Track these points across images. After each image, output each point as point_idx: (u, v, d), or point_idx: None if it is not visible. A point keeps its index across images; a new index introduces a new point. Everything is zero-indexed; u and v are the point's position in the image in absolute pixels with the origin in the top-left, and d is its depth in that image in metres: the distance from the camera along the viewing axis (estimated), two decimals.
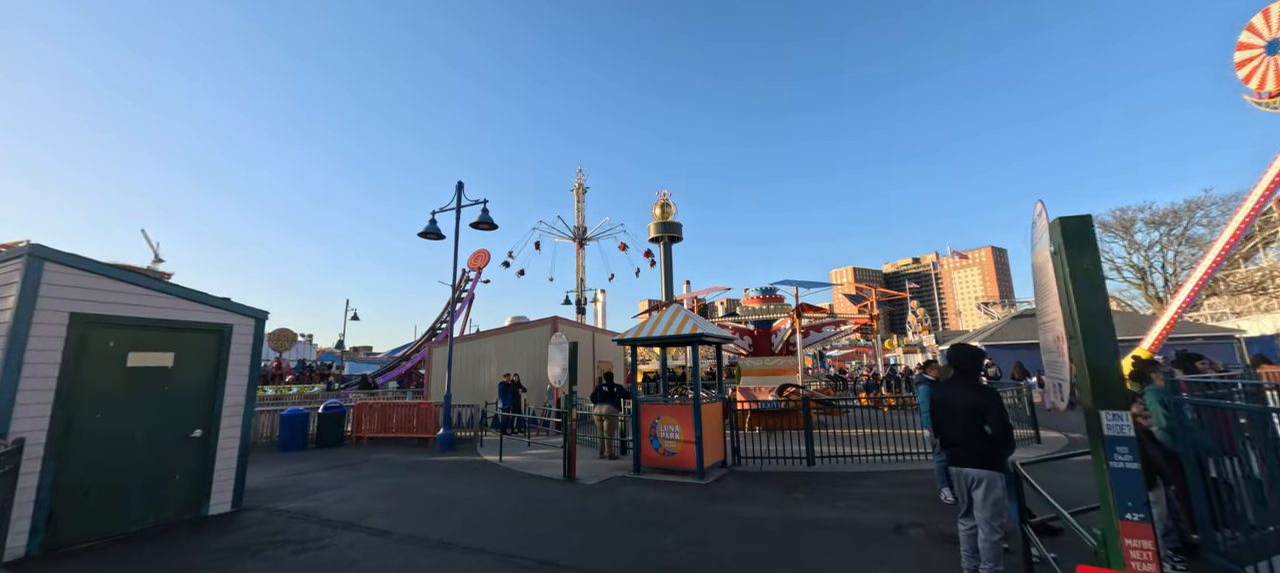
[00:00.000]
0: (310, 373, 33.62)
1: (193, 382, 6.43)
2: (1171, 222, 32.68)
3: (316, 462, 10.69)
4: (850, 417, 12.71)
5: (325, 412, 13.15)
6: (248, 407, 6.94)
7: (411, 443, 13.03)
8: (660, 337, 8.60)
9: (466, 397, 16.03)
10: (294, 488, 8.12)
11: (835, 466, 8.79)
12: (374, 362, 51.37)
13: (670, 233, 54.43)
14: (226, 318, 6.85)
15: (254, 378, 7.07)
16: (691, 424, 8.18)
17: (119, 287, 5.94)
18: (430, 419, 13.25)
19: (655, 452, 8.48)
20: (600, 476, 8.51)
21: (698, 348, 8.67)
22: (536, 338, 16.07)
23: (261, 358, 7.25)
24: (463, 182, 13.84)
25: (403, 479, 8.67)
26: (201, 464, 6.41)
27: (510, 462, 10.02)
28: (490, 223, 13.30)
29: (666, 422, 8.45)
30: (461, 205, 13.71)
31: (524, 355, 16.12)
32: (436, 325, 37.99)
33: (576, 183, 48.55)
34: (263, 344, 7.29)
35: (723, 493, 7.39)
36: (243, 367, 6.93)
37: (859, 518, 6.06)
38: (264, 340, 7.42)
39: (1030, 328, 30.09)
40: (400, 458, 10.87)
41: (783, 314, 15.57)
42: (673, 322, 8.74)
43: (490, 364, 16.46)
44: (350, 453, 11.78)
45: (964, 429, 3.83)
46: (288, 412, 12.74)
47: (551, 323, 16.04)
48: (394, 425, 13.57)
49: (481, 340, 16.85)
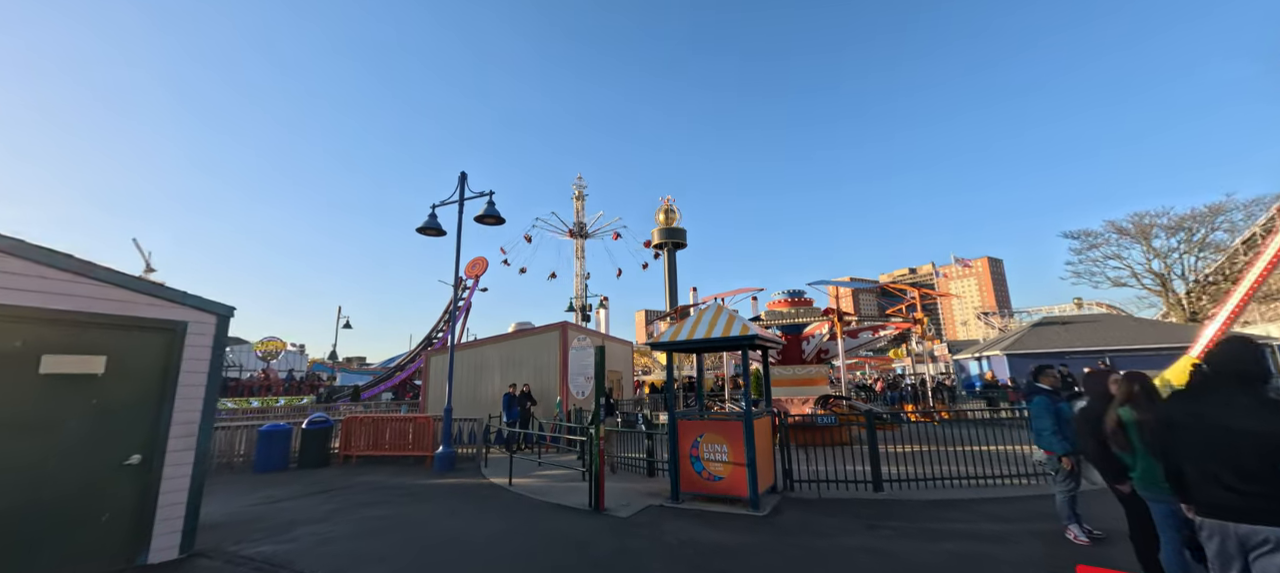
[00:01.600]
0: (300, 384, 32.00)
1: (132, 394, 5.07)
2: (1192, 227, 31.82)
3: (296, 486, 9.27)
4: (900, 432, 11.39)
5: (309, 427, 11.73)
6: (205, 424, 5.57)
7: (406, 463, 11.61)
8: (704, 340, 7.31)
9: (467, 410, 14.63)
10: (264, 523, 6.72)
11: (908, 491, 7.47)
12: (367, 373, 49.69)
13: (675, 239, 53.33)
14: (179, 313, 5.50)
15: (214, 389, 5.71)
16: (742, 444, 6.87)
17: (31, 269, 4.61)
18: (428, 435, 11.84)
19: (698, 476, 7.15)
20: (633, 504, 7.16)
21: (748, 354, 7.39)
22: (544, 345, 14.72)
23: (223, 363, 5.89)
24: (465, 172, 12.59)
25: (397, 511, 7.28)
26: (140, 499, 5.03)
27: (522, 486, 8.64)
28: (496, 216, 12.02)
29: (711, 441, 7.12)
30: (464, 198, 12.44)
31: (530, 364, 14.75)
32: (433, 334, 36.49)
33: (576, 191, 47.56)
34: (225, 346, 5.94)
35: (788, 526, 6.06)
36: (199, 374, 5.57)
37: (987, 563, 4.75)
38: (227, 341, 6.06)
39: (1052, 336, 29.00)
40: (394, 482, 9.47)
41: (812, 318, 14.29)
42: (716, 323, 7.46)
43: (493, 374, 15.08)
44: (336, 475, 10.36)
45: (1252, 467, 2.56)
46: (267, 428, 11.32)
47: (560, 328, 14.72)
48: (387, 442, 12.14)
49: (483, 348, 15.48)
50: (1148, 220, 33.32)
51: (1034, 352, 28.18)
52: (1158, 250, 33.54)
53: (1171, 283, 33.32)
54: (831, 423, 8.50)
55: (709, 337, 7.28)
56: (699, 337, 7.35)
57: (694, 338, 7.38)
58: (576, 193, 46.87)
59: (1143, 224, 33.51)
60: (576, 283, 44.21)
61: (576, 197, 46.69)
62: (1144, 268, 34.09)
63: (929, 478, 7.68)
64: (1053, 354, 27.25)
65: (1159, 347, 24.86)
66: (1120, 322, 30.32)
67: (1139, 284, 34.59)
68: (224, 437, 11.47)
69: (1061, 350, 27.01)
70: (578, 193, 46.86)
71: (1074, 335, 28.36)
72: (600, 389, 7.18)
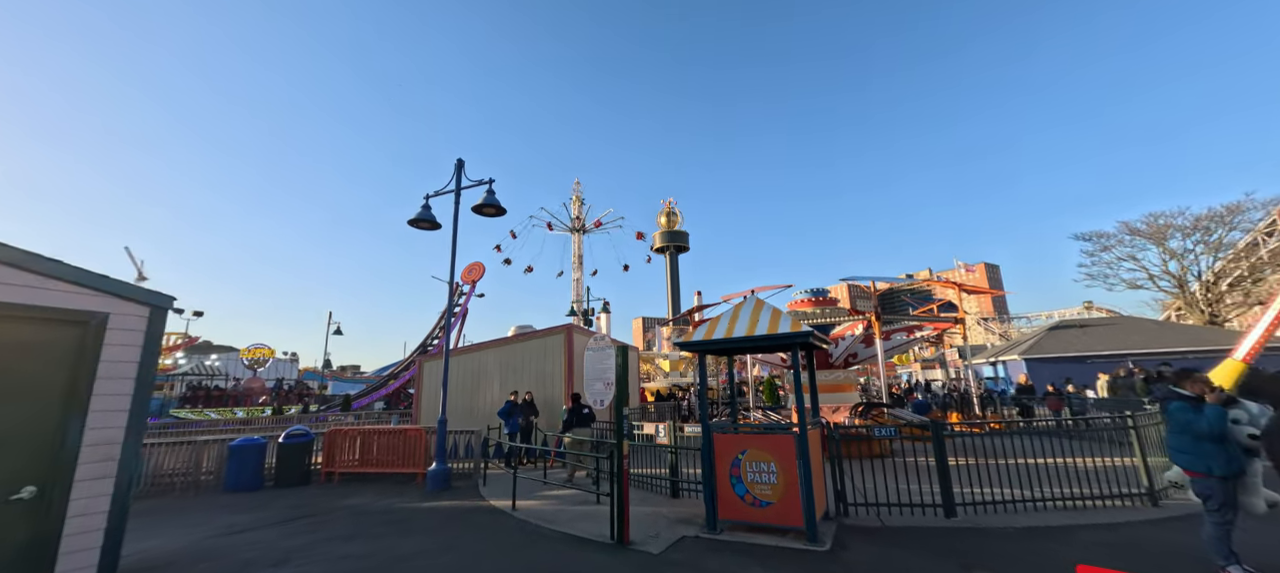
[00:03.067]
0: (288, 394, 30.59)
1: (23, 407, 3.89)
2: (1210, 227, 30.98)
3: (267, 511, 8.03)
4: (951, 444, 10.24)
5: (287, 441, 10.48)
6: (131, 443, 4.39)
7: (395, 481, 10.38)
8: (746, 339, 6.17)
9: (463, 421, 13.39)
10: (215, 561, 5.51)
11: (985, 517, 6.32)
12: (360, 381, 48.19)
13: (677, 242, 52.30)
14: (96, 302, 4.33)
15: (144, 397, 4.52)
16: (794, 463, 5.72)
17: None
18: (420, 450, 10.62)
19: (740, 501, 5.98)
20: (662, 535, 5.98)
21: (798, 354, 6.26)
22: (547, 350, 13.55)
23: (156, 364, 4.70)
24: (463, 160, 11.46)
25: (380, 544, 6.07)
26: (33, 543, 3.83)
27: (528, 511, 7.44)
28: (497, 206, 10.88)
29: (756, 459, 5.97)
30: (461, 187, 11.30)
31: (532, 370, 13.56)
32: (428, 340, 35.17)
33: (574, 195, 46.54)
34: (159, 344, 4.76)
35: (861, 566, 4.91)
36: (123, 380, 4.40)
37: None
38: (162, 339, 4.88)
39: (1070, 340, 27.99)
40: (380, 505, 8.25)
41: (840, 318, 13.17)
42: (758, 318, 6.33)
43: (492, 382, 13.87)
44: (316, 496, 9.12)
45: None
46: (238, 442, 10.07)
47: (565, 331, 13.55)
48: (375, 457, 10.90)
49: (482, 353, 14.28)
50: (1163, 221, 32.48)
51: (1053, 356, 27.15)
52: (1174, 251, 32.68)
53: (1189, 285, 32.43)
54: (891, 435, 7.40)
55: (752, 335, 6.14)
56: (739, 335, 6.22)
57: (733, 336, 6.24)
58: (574, 197, 45.92)
59: (1157, 224, 32.67)
60: (575, 287, 43.06)
61: (575, 199, 45.72)
62: (1160, 269, 33.21)
63: (1007, 500, 6.54)
64: (1074, 359, 26.27)
65: (1186, 350, 23.89)
66: (1139, 325, 29.37)
67: (1154, 286, 33.70)
68: (189, 452, 10.21)
69: (1083, 354, 26.02)
70: (576, 197, 45.91)
71: (1093, 339, 27.38)
72: (623, 397, 6.02)
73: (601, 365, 6.37)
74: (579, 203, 45.34)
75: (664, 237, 43.05)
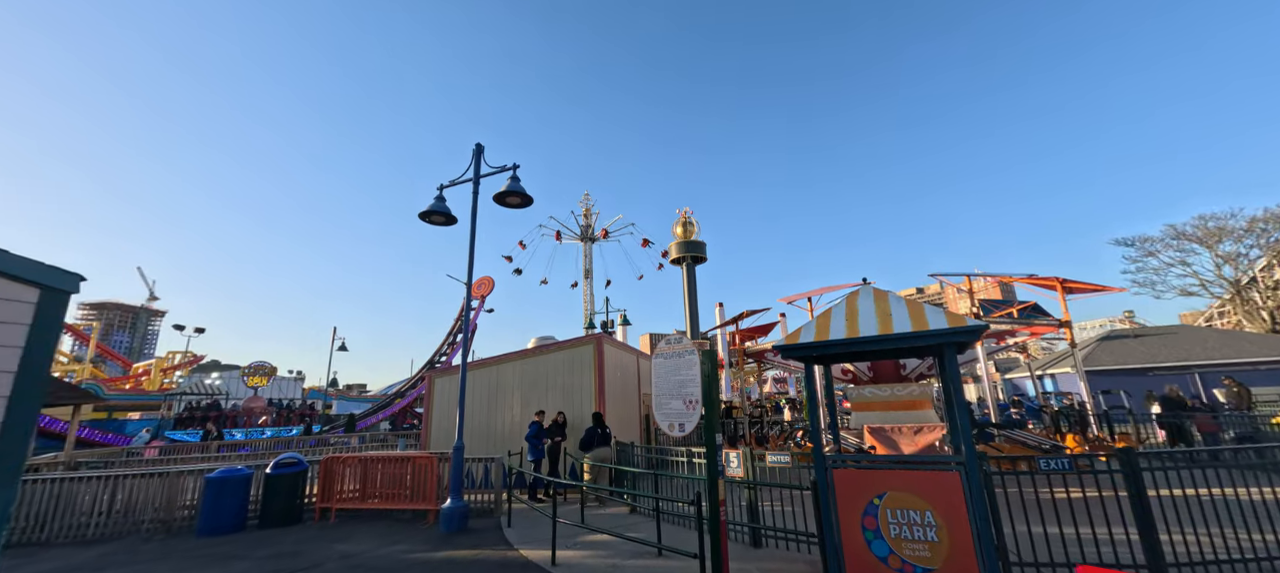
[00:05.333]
0: (290, 414, 29.03)
1: None
2: (1269, 228, 28.99)
3: (241, 563, 6.40)
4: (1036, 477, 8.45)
5: (275, 472, 8.87)
6: (6, 477, 2.82)
7: (401, 519, 8.73)
8: (881, 339, 4.52)
9: (480, 445, 11.76)
10: None
11: None
12: (367, 400, 46.64)
13: (694, 253, 50.36)
14: None
15: (30, 410, 2.96)
16: (963, 510, 4.05)
17: None
18: (430, 481, 8.96)
19: (881, 565, 4.29)
20: None
21: (953, 357, 4.61)
22: (575, 363, 11.93)
23: (50, 357, 3.15)
24: (482, 144, 10.02)
25: None
26: None
27: (572, 565, 5.76)
28: (522, 194, 9.39)
29: (902, 504, 4.29)
30: (480, 176, 9.85)
31: (558, 386, 11.94)
32: (436, 357, 33.64)
33: (583, 208, 45.31)
34: (56, 332, 3.20)
35: None
36: None
37: None
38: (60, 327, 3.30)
39: (1127, 351, 25.93)
40: (382, 555, 6.59)
41: None
42: (892, 312, 4.70)
43: (511, 400, 12.25)
44: (305, 541, 7.48)
45: None
46: (217, 473, 8.47)
47: (594, 341, 11.96)
48: (378, 490, 9.26)
49: (499, 367, 12.68)
50: (1214, 223, 30.52)
51: (1109, 369, 25.10)
52: (1228, 255, 30.65)
53: (1247, 291, 30.33)
54: (1066, 468, 5.64)
55: (888, 333, 4.50)
56: (868, 335, 4.58)
57: (862, 336, 4.60)
58: (584, 209, 44.72)
59: (1208, 227, 30.70)
60: (586, 299, 41.51)
61: (584, 213, 44.50)
62: (1213, 275, 31.15)
63: (1237, 557, 4.78)
64: (1134, 371, 24.21)
65: (1256, 361, 21.86)
66: (1200, 334, 27.27)
67: (1206, 292, 31.59)
68: (159, 486, 8.63)
69: (1144, 366, 23.97)
70: (585, 209, 44.70)
71: (1153, 349, 25.36)
72: (713, 419, 4.40)
73: (679, 377, 4.74)
74: (588, 213, 44.09)
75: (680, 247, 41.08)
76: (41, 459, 11.39)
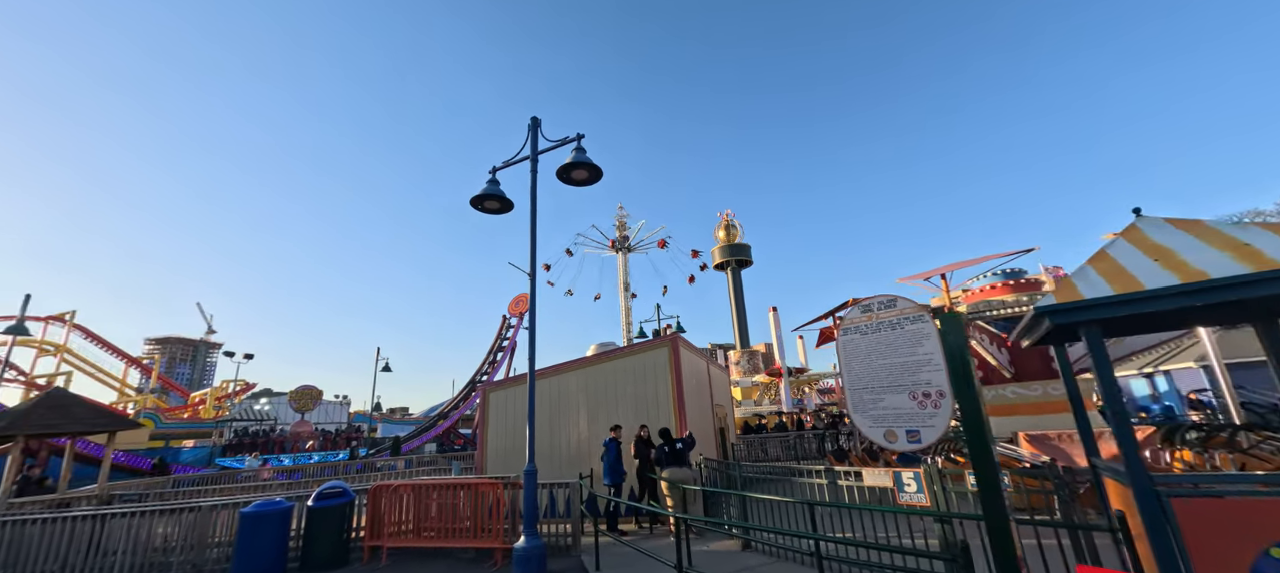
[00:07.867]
0: (336, 438, 28.53)
1: None
2: None
3: None
4: None
5: (318, 505, 7.58)
6: None
7: (463, 559, 7.28)
8: (1254, 279, 2.77)
9: (542, 468, 10.28)
10: None
11: None
12: (410, 422, 46.35)
13: (738, 257, 48.33)
14: None
15: None
16: None
17: None
18: (497, 512, 7.49)
19: None
20: None
21: None
22: (647, 369, 10.37)
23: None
24: (539, 118, 8.71)
25: None
26: None
27: None
28: (589, 166, 7.96)
29: None
30: (537, 153, 8.51)
31: (629, 396, 10.38)
32: (478, 375, 32.73)
33: (618, 220, 44.19)
34: None
35: None
36: None
37: None
38: None
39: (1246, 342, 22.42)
40: None
41: None
42: (1254, 244, 2.94)
43: (576, 412, 10.75)
44: None
45: None
46: (253, 507, 7.24)
47: (670, 343, 10.39)
48: (434, 523, 7.84)
49: (560, 377, 11.22)
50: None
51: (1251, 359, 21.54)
52: None
53: None
54: None
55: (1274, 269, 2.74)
56: (1236, 274, 2.83)
57: (1213, 279, 2.85)
58: (618, 222, 43.70)
59: None
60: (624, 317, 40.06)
61: (619, 225, 43.44)
62: None
63: None
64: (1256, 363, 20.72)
65: None
66: None
67: None
68: (191, 522, 7.46)
69: None
70: (619, 222, 43.66)
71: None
72: (976, 411, 2.73)
73: (898, 358, 3.04)
74: (623, 225, 42.96)
75: (723, 252, 39.53)
76: (78, 492, 10.59)
